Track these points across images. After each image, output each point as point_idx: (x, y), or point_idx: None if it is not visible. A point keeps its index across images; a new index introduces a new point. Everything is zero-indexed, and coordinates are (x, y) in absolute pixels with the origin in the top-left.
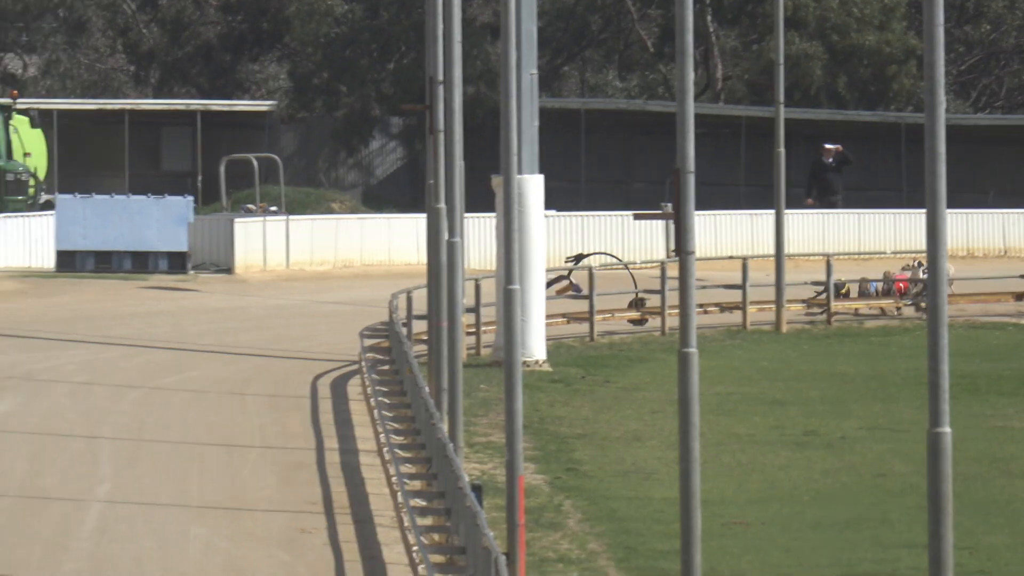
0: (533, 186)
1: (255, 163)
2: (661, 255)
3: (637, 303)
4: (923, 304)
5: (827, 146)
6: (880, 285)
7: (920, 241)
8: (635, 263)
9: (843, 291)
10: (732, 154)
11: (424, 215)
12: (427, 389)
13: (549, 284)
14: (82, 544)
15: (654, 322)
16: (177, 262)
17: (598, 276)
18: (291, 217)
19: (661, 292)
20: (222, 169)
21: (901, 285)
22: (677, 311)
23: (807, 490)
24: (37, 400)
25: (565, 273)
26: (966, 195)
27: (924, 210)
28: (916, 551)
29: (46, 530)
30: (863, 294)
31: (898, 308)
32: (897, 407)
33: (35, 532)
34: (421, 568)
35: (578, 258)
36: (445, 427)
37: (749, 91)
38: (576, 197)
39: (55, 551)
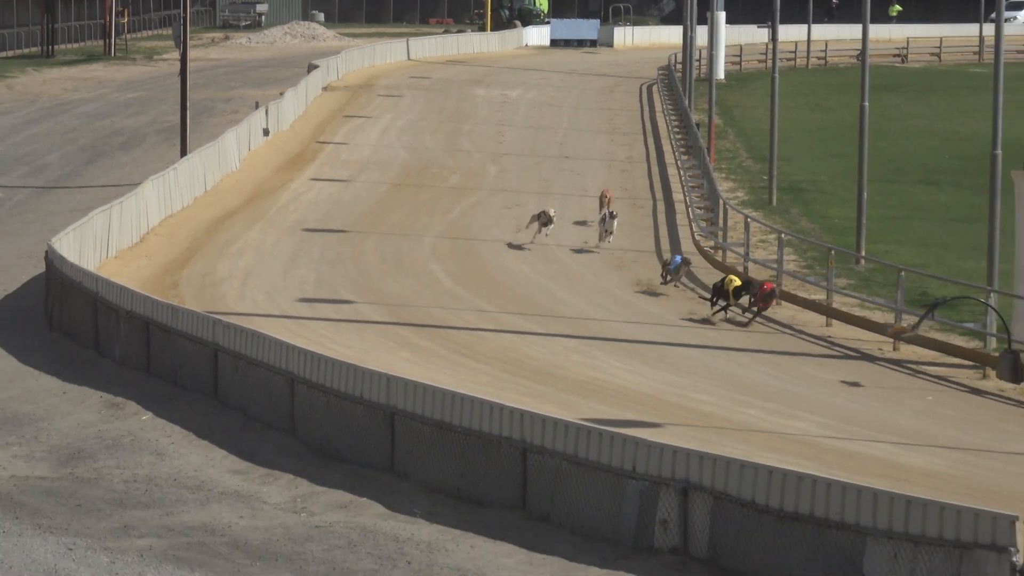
0: None
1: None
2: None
3: None
4: None
5: None
6: None
7: None
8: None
9: None
10: None
11: (680, 28)
12: (680, 88)
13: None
14: (553, 141)
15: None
16: (591, 42)
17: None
18: (636, 29)
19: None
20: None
21: None
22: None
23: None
24: (534, 91)
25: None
26: None
27: None
28: None
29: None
30: None
31: None
32: None
33: (544, 140)
34: (676, 155)
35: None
36: (687, 102)
37: None
38: None
39: (550, 145)
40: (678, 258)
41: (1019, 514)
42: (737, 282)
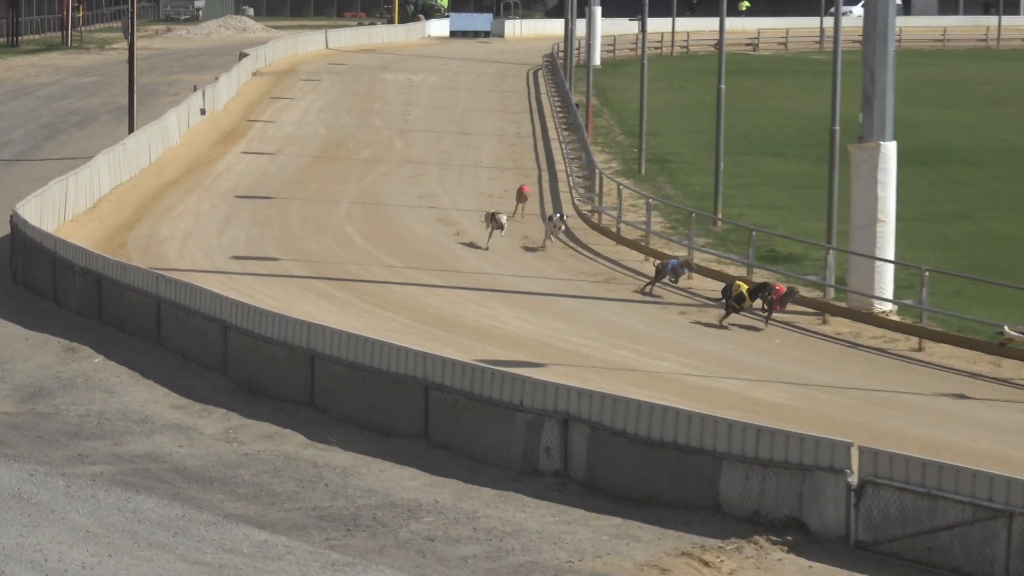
0: None
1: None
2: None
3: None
4: None
5: None
6: None
7: None
8: None
9: None
10: None
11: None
12: (562, 73)
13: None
14: (452, 119)
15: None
16: (485, 33)
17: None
18: (524, 22)
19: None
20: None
21: None
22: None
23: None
24: (436, 76)
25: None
26: None
27: None
28: None
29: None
30: None
31: None
32: None
33: (444, 118)
34: (559, 131)
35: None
36: (568, 85)
37: None
38: None
39: (449, 122)
40: (674, 261)
41: (854, 441)
42: (745, 287)
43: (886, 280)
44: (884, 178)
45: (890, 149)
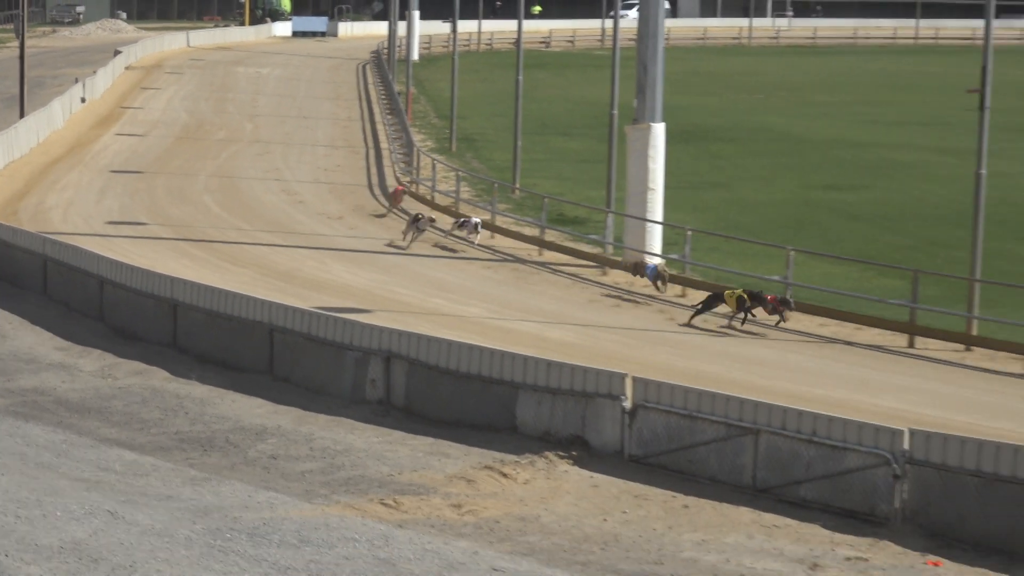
0: None
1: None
2: None
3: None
4: None
5: None
6: None
7: None
8: None
9: None
10: None
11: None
12: (386, 67)
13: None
14: (294, 105)
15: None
16: (322, 33)
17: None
18: (354, 23)
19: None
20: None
21: None
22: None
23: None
24: (280, 69)
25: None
26: None
27: None
28: None
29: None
30: None
31: None
32: None
33: (287, 104)
34: (383, 115)
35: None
36: (391, 76)
37: None
38: None
39: (291, 108)
40: (652, 265)
41: (628, 372)
42: (739, 292)
43: (656, 238)
44: (654, 153)
45: (659, 129)
